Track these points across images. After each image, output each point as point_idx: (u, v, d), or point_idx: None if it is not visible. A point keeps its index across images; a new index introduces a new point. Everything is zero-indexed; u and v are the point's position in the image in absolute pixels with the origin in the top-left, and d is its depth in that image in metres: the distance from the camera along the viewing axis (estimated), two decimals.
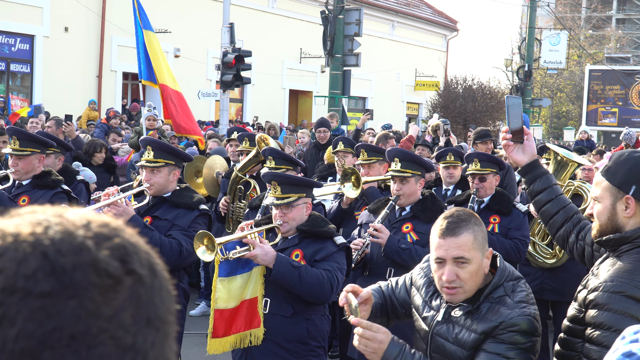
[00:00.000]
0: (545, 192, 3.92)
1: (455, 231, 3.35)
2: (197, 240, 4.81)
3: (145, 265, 1.08)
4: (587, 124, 43.87)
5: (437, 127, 14.65)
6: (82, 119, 22.45)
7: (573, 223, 3.89)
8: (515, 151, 3.93)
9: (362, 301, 3.57)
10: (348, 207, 7.61)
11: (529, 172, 3.94)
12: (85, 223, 1.08)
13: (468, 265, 3.36)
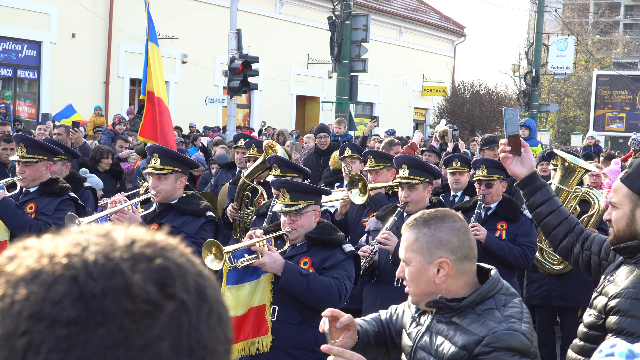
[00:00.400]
0: (546, 204, 3.90)
1: (404, 229, 3.18)
2: (205, 249, 4.80)
3: (192, 289, 1.01)
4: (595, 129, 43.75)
5: (444, 133, 14.62)
6: (88, 125, 22.49)
7: (576, 234, 3.88)
8: (514, 164, 3.92)
9: (341, 327, 3.38)
10: (343, 217, 7.62)
11: (529, 184, 3.93)
12: (129, 243, 1.01)
13: (408, 266, 3.12)
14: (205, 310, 1.02)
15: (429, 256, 3.04)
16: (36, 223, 6.14)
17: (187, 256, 1.07)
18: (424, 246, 3.05)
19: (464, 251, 3.06)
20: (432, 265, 3.04)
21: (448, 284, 3.06)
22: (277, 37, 33.44)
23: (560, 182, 8.06)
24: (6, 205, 6.07)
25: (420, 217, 3.13)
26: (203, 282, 1.04)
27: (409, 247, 3.09)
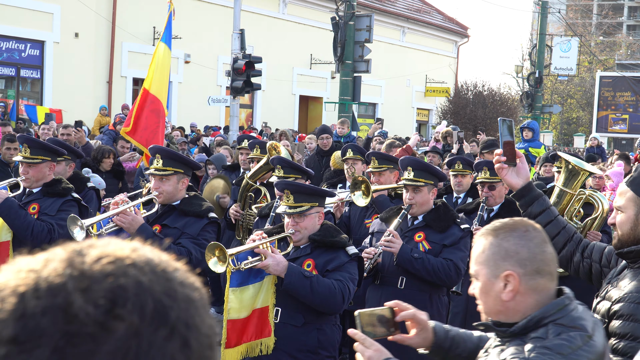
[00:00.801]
0: (543, 215, 3.86)
1: (475, 239, 2.91)
2: (208, 252, 4.79)
3: (149, 310, 0.94)
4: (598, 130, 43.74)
5: (447, 134, 14.62)
6: (94, 125, 22.50)
7: (575, 242, 3.87)
8: (510, 174, 3.87)
9: (400, 320, 3.11)
10: (345, 219, 7.62)
11: (525, 195, 3.88)
12: (93, 260, 0.96)
13: (476, 280, 2.84)
14: (163, 334, 0.94)
15: (495, 269, 2.75)
16: (39, 224, 6.13)
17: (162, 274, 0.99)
18: (489, 258, 2.77)
19: (534, 265, 2.73)
20: (498, 279, 2.74)
21: (516, 302, 2.73)
22: (281, 38, 33.43)
23: (564, 185, 8.03)
24: (9, 206, 6.06)
25: (491, 226, 2.84)
26: (168, 303, 0.97)
27: (477, 259, 2.82)
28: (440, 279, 5.96)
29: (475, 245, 2.84)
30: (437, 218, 6.17)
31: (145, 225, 5.39)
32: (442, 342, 3.11)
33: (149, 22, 28.19)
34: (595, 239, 7.87)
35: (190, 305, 1.00)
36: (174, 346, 0.95)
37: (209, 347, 1.02)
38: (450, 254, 6.03)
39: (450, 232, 6.14)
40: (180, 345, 0.96)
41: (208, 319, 1.04)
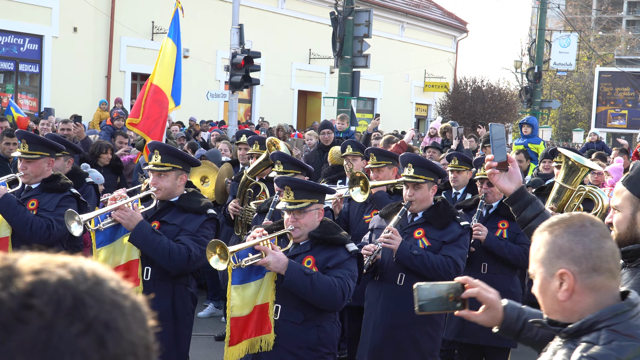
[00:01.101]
0: (537, 218, 3.77)
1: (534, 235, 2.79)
2: (209, 250, 4.78)
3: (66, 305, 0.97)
4: (597, 125, 43.78)
5: (446, 130, 14.63)
6: (94, 119, 22.50)
7: None
8: (502, 179, 3.82)
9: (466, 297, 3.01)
10: (345, 215, 7.62)
11: (518, 199, 3.83)
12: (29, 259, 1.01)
13: (534, 279, 2.72)
14: (76, 329, 0.97)
15: (550, 267, 2.63)
16: (38, 220, 6.12)
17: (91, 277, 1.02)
18: (545, 256, 2.65)
19: (591, 262, 2.59)
20: (554, 278, 2.62)
21: (573, 301, 2.61)
22: (279, 32, 33.39)
23: (564, 181, 8.03)
24: (8, 202, 6.05)
25: (548, 222, 2.73)
26: (89, 302, 0.99)
27: (533, 257, 2.71)
28: (440, 275, 5.95)
29: (533, 242, 2.74)
30: (437, 215, 6.17)
31: (144, 221, 5.38)
32: (511, 324, 3.06)
33: (148, 17, 28.14)
34: None
35: (116, 309, 1.02)
36: (87, 343, 0.97)
37: (134, 355, 1.03)
38: (449, 251, 6.03)
39: (450, 229, 6.14)
40: (96, 343, 0.97)
41: (140, 330, 1.06)
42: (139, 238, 5.31)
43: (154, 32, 28.43)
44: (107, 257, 5.44)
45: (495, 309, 3.03)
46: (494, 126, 3.89)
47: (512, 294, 6.84)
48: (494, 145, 3.82)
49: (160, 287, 5.49)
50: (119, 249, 5.46)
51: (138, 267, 5.45)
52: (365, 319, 6.25)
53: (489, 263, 6.97)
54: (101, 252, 5.42)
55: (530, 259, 2.73)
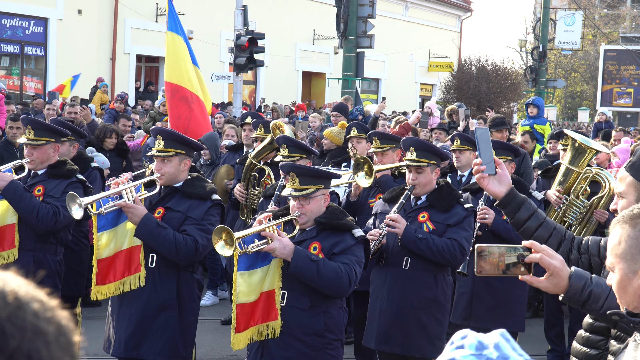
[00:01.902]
0: (532, 219, 3.79)
1: (611, 226, 2.68)
2: (215, 235, 4.77)
3: None
4: (602, 104, 43.57)
5: (453, 112, 14.60)
6: (95, 102, 22.49)
7: (569, 241, 3.80)
8: (491, 183, 3.78)
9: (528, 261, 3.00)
10: (357, 199, 7.58)
11: (510, 201, 3.79)
12: None
13: (612, 272, 2.61)
14: None
15: (632, 263, 2.51)
16: (44, 206, 6.12)
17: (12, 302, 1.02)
18: (626, 251, 2.53)
19: None
20: (636, 275, 2.51)
21: None
22: (283, 13, 33.28)
23: (570, 163, 8.02)
24: (14, 188, 6.06)
25: (628, 213, 2.59)
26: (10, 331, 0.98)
27: (612, 251, 2.59)
28: (445, 258, 5.96)
29: (611, 234, 2.64)
30: (441, 198, 6.16)
31: (149, 215, 5.34)
32: (576, 294, 3.01)
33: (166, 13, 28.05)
34: (601, 217, 7.87)
35: (39, 337, 0.99)
36: None
37: None
38: (454, 234, 6.02)
39: (454, 212, 6.13)
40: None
41: (64, 357, 1.03)
42: (145, 233, 5.30)
43: (158, 14, 28.35)
44: (109, 241, 5.43)
45: (559, 277, 2.99)
46: (478, 129, 3.86)
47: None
48: (480, 149, 3.78)
49: (166, 274, 5.49)
50: (121, 234, 5.46)
51: (140, 253, 5.44)
52: (371, 304, 6.26)
53: None
54: (103, 236, 5.41)
55: (609, 251, 2.63)
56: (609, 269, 2.63)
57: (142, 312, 5.45)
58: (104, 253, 5.43)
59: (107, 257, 5.43)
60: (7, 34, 24.55)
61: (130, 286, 5.43)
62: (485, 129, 3.91)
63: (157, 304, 5.45)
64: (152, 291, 5.45)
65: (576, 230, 7.99)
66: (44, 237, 6.27)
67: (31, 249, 6.24)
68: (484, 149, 3.78)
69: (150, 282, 5.44)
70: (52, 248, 6.38)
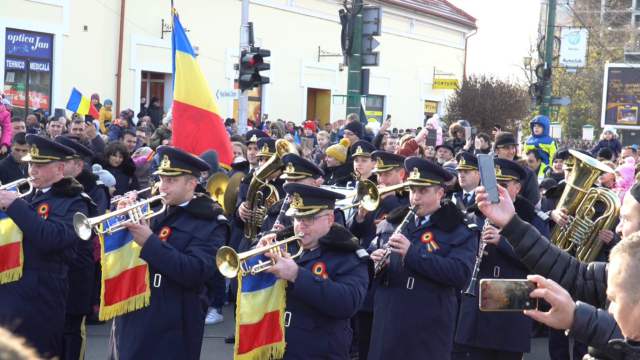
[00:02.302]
0: (536, 246, 3.77)
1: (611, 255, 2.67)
2: (219, 257, 4.76)
3: None
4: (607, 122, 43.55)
5: (457, 129, 14.61)
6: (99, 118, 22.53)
7: (574, 267, 3.77)
8: (494, 210, 3.78)
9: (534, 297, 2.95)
10: (363, 220, 7.57)
11: (514, 229, 3.78)
12: None
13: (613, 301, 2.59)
14: None
15: (633, 293, 2.50)
16: (49, 225, 6.12)
17: None
18: (626, 280, 2.52)
19: None
20: (637, 304, 2.50)
21: None
22: (289, 30, 33.39)
23: (575, 183, 8.01)
24: (19, 207, 6.05)
25: (627, 242, 2.59)
26: None
27: (612, 280, 2.58)
28: (449, 278, 5.95)
29: (611, 263, 2.63)
30: (444, 218, 6.15)
31: (154, 236, 5.33)
32: (582, 328, 2.96)
33: (158, 15, 28.18)
34: (607, 238, 7.85)
35: None
36: None
37: None
38: (458, 254, 6.01)
39: (457, 232, 6.12)
40: None
41: None
42: (150, 254, 5.29)
43: (164, 30, 28.45)
44: (115, 261, 5.43)
45: (564, 312, 2.95)
46: (482, 157, 3.84)
47: None
48: (484, 177, 3.77)
49: (171, 294, 5.47)
50: (127, 254, 5.45)
51: (146, 272, 5.43)
52: (376, 324, 6.24)
53: (501, 266, 6.94)
54: (109, 257, 5.41)
55: (609, 280, 2.62)
56: (610, 298, 2.62)
57: (146, 332, 5.42)
58: (111, 273, 5.42)
59: (114, 277, 5.42)
60: (12, 50, 24.65)
61: (135, 306, 5.41)
62: (488, 156, 3.89)
63: (162, 325, 5.43)
64: (157, 311, 5.43)
65: (581, 251, 7.98)
66: (48, 255, 6.27)
67: (36, 268, 6.23)
68: (487, 176, 3.77)
69: (154, 302, 5.42)
70: (57, 266, 6.37)
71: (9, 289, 6.18)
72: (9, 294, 6.17)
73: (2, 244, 6.19)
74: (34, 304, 6.20)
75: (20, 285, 6.18)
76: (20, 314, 6.15)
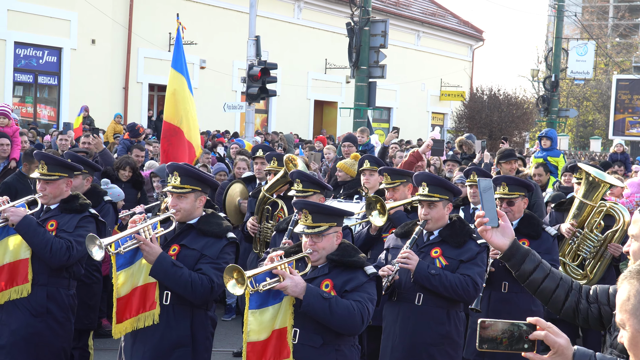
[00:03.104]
0: (538, 270, 3.73)
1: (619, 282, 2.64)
2: (226, 274, 4.74)
3: None
4: (614, 133, 43.52)
5: (462, 143, 14.60)
6: (108, 132, 22.62)
7: (577, 291, 3.74)
8: (494, 235, 3.72)
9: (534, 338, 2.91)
10: (377, 233, 7.55)
11: (514, 253, 3.73)
12: None
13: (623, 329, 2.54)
14: None
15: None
16: (57, 241, 6.12)
17: None
18: (636, 307, 2.49)
19: None
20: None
21: None
22: (295, 42, 33.47)
23: (584, 197, 7.99)
24: (28, 224, 6.06)
25: (636, 268, 2.56)
26: None
27: (622, 307, 2.54)
28: (458, 294, 5.92)
29: (620, 290, 2.60)
30: (453, 233, 6.12)
31: (164, 255, 5.31)
32: None
33: (165, 29, 28.30)
34: (616, 251, 7.82)
35: None
36: None
37: None
38: (467, 270, 5.98)
39: (466, 248, 6.09)
40: None
41: None
42: (160, 272, 5.28)
43: (171, 44, 28.53)
44: (126, 279, 5.42)
45: (563, 355, 2.90)
46: (482, 181, 3.80)
47: (533, 313, 6.76)
48: (483, 200, 3.73)
49: (180, 311, 5.46)
50: (137, 271, 5.44)
51: (156, 290, 5.42)
52: (384, 340, 6.21)
53: (509, 282, 6.90)
54: (121, 275, 5.40)
55: (618, 307, 2.59)
56: (620, 325, 2.58)
57: (155, 349, 5.41)
58: (122, 291, 5.41)
59: (125, 295, 5.41)
60: (21, 64, 24.78)
61: (145, 323, 5.40)
62: (488, 180, 3.85)
63: (171, 342, 5.41)
64: (166, 328, 5.41)
65: (590, 264, 7.95)
66: (57, 271, 6.27)
67: (44, 284, 6.23)
68: (487, 201, 3.73)
69: (164, 320, 5.41)
70: (65, 282, 6.37)
71: (18, 305, 6.18)
72: (18, 309, 6.18)
73: (11, 260, 6.19)
74: (43, 320, 6.20)
75: (29, 301, 6.18)
76: (29, 330, 6.15)
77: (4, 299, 6.18)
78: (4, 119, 11.81)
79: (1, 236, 6.20)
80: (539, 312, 7.07)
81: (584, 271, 8.02)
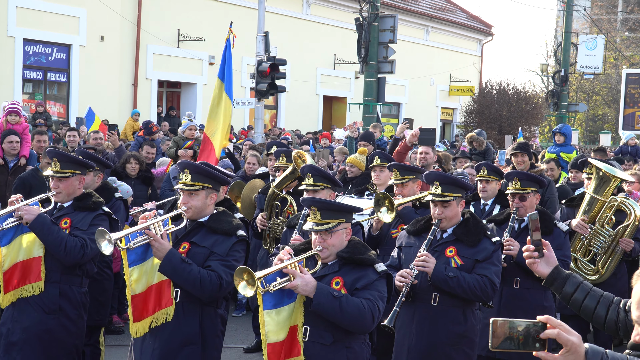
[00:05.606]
0: (579, 290, 3.88)
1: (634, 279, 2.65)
2: (236, 276, 4.73)
3: None
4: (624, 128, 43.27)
5: (472, 139, 14.56)
6: (127, 129, 22.74)
7: (616, 304, 3.84)
8: (541, 265, 3.94)
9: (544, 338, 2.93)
10: (379, 232, 7.54)
11: (557, 278, 3.92)
12: None
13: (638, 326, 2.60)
14: None
15: None
16: (72, 239, 6.13)
17: None
18: None
19: None
20: None
21: None
22: (304, 38, 33.44)
23: (595, 192, 7.98)
24: (42, 222, 6.08)
25: None
26: None
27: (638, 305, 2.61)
28: (477, 295, 5.88)
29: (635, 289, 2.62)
30: (468, 232, 6.05)
31: (173, 251, 5.30)
32: None
33: (174, 25, 28.30)
34: (627, 246, 7.81)
35: None
36: None
37: None
38: (484, 270, 5.92)
39: (481, 247, 6.03)
40: None
41: None
42: (169, 269, 5.26)
43: (180, 40, 28.57)
44: (140, 276, 5.40)
45: (576, 353, 2.91)
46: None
47: (545, 309, 6.76)
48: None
49: (189, 309, 5.45)
50: (151, 269, 5.43)
51: (170, 287, 5.43)
52: (399, 340, 6.15)
53: (521, 278, 6.89)
54: (134, 271, 5.38)
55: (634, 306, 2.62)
56: (636, 322, 2.60)
57: (165, 346, 5.41)
58: (138, 288, 5.39)
59: (141, 293, 5.40)
60: (30, 61, 24.81)
61: (160, 320, 5.40)
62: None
63: (181, 339, 5.41)
64: (176, 326, 5.41)
65: (602, 260, 7.94)
66: (69, 269, 6.28)
67: (57, 281, 6.26)
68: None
69: (174, 317, 5.40)
70: (78, 280, 6.38)
71: (30, 302, 6.21)
72: (31, 307, 6.20)
73: (25, 258, 6.22)
74: (55, 317, 6.22)
75: (42, 298, 6.20)
76: (41, 327, 6.18)
77: (16, 297, 6.21)
78: (15, 116, 11.85)
79: (15, 234, 6.22)
80: (551, 308, 7.06)
81: (595, 266, 8.01)
